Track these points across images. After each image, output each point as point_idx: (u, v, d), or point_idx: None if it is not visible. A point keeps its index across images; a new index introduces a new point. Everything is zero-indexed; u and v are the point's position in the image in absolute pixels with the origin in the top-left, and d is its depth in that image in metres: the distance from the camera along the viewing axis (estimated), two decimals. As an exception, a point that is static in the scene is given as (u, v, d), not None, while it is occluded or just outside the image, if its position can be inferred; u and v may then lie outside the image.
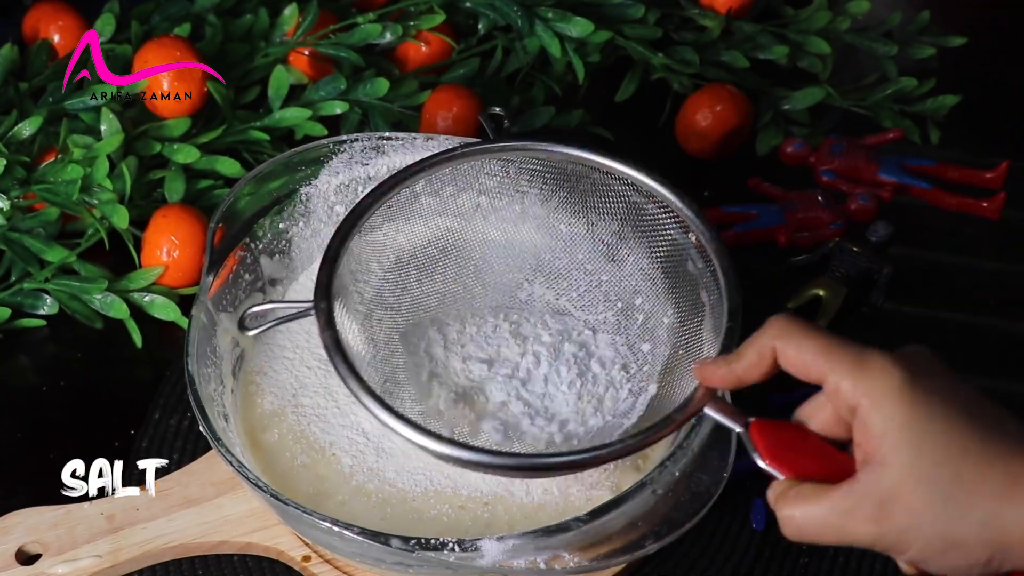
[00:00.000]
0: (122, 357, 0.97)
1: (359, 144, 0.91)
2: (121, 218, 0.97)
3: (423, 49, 1.14)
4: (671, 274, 0.82)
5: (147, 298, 0.98)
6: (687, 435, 0.74)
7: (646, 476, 0.73)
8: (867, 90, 1.15)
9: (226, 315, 0.85)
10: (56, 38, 1.12)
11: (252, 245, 0.88)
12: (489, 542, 0.71)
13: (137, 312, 0.97)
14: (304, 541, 0.82)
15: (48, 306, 0.98)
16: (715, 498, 0.74)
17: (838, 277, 0.99)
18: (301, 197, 0.90)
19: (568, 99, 1.13)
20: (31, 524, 0.82)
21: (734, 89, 1.11)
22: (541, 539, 0.71)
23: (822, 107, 1.14)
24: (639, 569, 0.83)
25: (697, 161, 1.12)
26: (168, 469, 0.85)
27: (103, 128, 1.01)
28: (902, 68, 1.17)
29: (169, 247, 0.98)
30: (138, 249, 0.99)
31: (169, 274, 0.98)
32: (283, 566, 0.83)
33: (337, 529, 0.72)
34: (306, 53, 1.11)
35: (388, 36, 1.12)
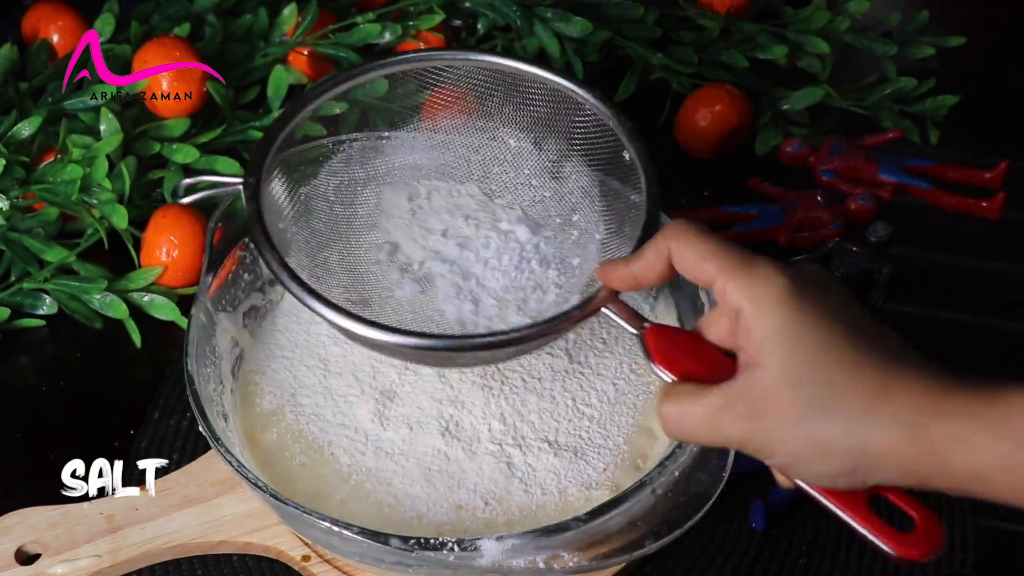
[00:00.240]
0: (122, 357, 0.97)
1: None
2: (120, 218, 0.97)
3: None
4: (606, 192, 0.83)
5: (146, 298, 0.98)
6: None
7: (645, 476, 0.73)
8: (867, 90, 1.15)
9: (225, 315, 0.85)
10: (56, 38, 1.12)
11: (252, 245, 0.88)
12: (488, 542, 0.71)
13: (136, 312, 0.97)
14: (304, 541, 0.82)
15: (47, 306, 0.98)
16: (714, 498, 0.74)
17: (838, 277, 0.99)
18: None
19: (568, 99, 1.13)
20: (31, 524, 0.82)
21: (733, 89, 1.11)
22: (540, 539, 0.71)
23: (821, 107, 1.14)
24: (639, 569, 0.83)
25: (697, 161, 1.12)
26: (168, 469, 0.85)
27: (102, 128, 1.01)
28: (901, 68, 1.17)
29: (168, 247, 0.98)
30: (137, 249, 0.99)
31: (168, 274, 0.98)
32: (283, 566, 0.83)
33: (337, 529, 0.72)
34: (305, 53, 1.11)
35: (387, 36, 1.12)
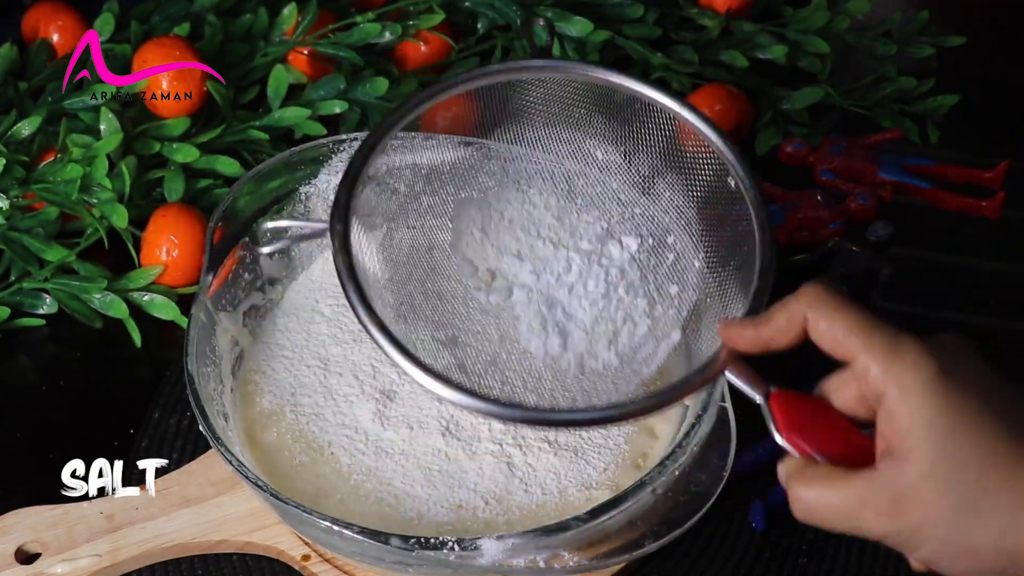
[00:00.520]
0: (122, 357, 0.97)
1: (358, 143, 0.90)
2: (120, 217, 0.97)
3: (422, 48, 1.14)
4: (706, 218, 0.77)
5: (146, 297, 0.98)
6: (687, 434, 0.74)
7: (645, 475, 0.73)
8: (866, 90, 1.15)
9: (225, 314, 0.85)
10: (55, 38, 1.12)
11: (252, 244, 0.88)
12: (489, 541, 0.71)
13: (136, 311, 0.97)
14: (304, 540, 0.82)
15: (47, 305, 0.98)
16: (714, 498, 0.74)
17: (838, 277, 0.99)
18: (300, 196, 0.90)
19: (568, 99, 1.13)
20: (30, 523, 0.82)
21: (733, 89, 1.10)
22: (541, 538, 0.71)
23: (821, 107, 1.14)
24: (638, 569, 0.83)
25: (696, 161, 1.12)
26: (168, 469, 0.85)
27: (102, 128, 1.01)
28: (901, 68, 1.17)
29: (168, 246, 0.98)
30: (137, 249, 0.99)
31: (168, 273, 0.98)
32: (283, 565, 0.83)
33: (337, 528, 0.72)
34: (305, 52, 1.11)
35: (387, 35, 1.12)
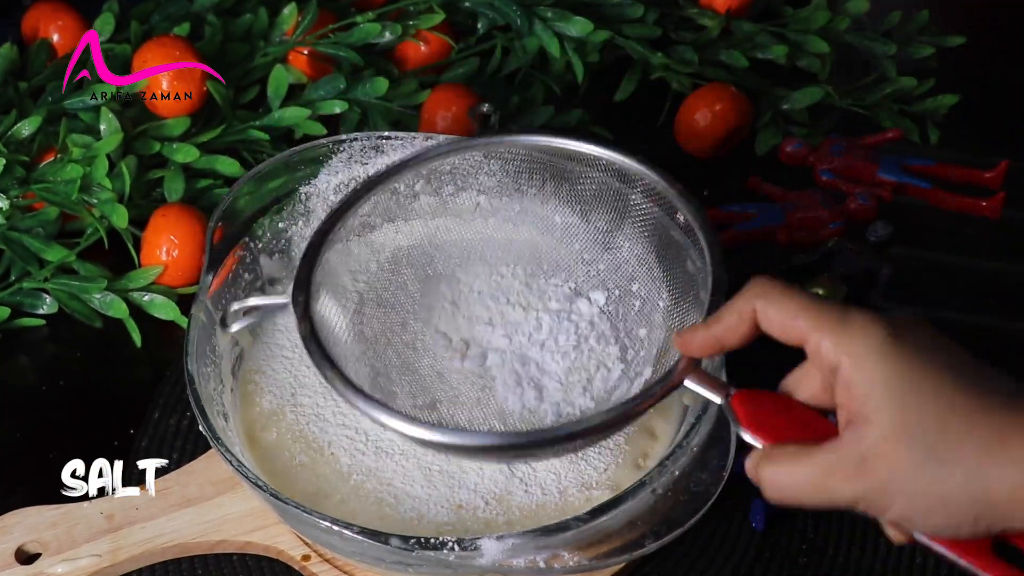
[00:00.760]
0: (122, 357, 0.97)
1: (358, 143, 0.91)
2: (120, 217, 0.97)
3: (422, 48, 1.14)
4: (663, 257, 0.81)
5: (146, 297, 0.98)
6: (687, 434, 0.74)
7: (645, 475, 0.73)
8: (866, 90, 1.15)
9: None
10: (55, 37, 1.12)
11: (251, 244, 0.88)
12: (489, 541, 0.71)
13: (136, 311, 0.97)
14: (304, 540, 0.82)
15: (47, 305, 0.98)
16: (714, 498, 0.74)
17: (838, 277, 0.99)
18: (300, 196, 0.90)
19: (567, 99, 1.13)
20: (30, 523, 0.82)
21: (733, 89, 1.11)
22: (541, 538, 0.71)
23: (821, 107, 1.14)
24: (638, 568, 0.83)
25: (696, 161, 1.11)
26: (168, 469, 0.85)
27: (102, 128, 1.01)
28: (901, 68, 1.17)
29: (168, 246, 0.98)
30: (137, 248, 0.99)
31: (168, 273, 0.98)
32: (283, 565, 0.83)
33: (337, 528, 0.72)
34: (305, 52, 1.11)
35: (387, 35, 1.12)
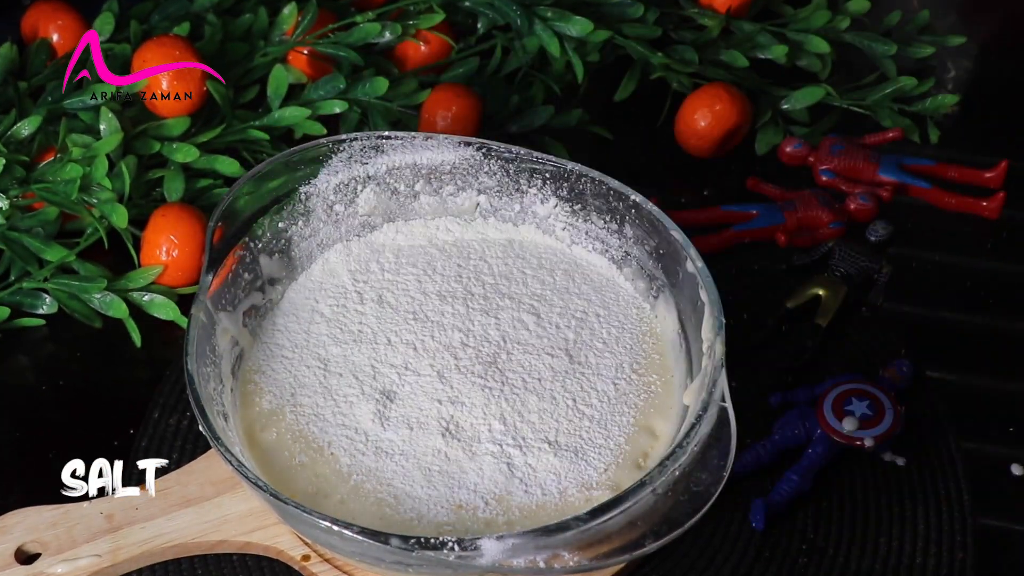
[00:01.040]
0: (121, 357, 0.97)
1: (358, 143, 0.91)
2: (120, 217, 0.97)
3: (422, 48, 1.14)
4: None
5: (146, 297, 0.98)
6: (687, 434, 0.74)
7: (646, 475, 0.73)
8: (866, 89, 1.15)
9: (225, 314, 0.85)
10: (55, 37, 1.12)
11: (251, 244, 0.88)
12: (489, 541, 0.71)
13: (136, 311, 0.97)
14: (303, 540, 0.82)
15: (47, 305, 0.98)
16: (714, 498, 0.74)
17: (838, 277, 0.99)
18: (300, 196, 0.90)
19: (567, 98, 1.13)
20: (30, 523, 0.82)
21: (733, 88, 1.11)
22: (541, 538, 0.71)
23: (821, 106, 1.14)
24: (638, 568, 0.83)
25: (696, 160, 1.12)
26: (168, 469, 0.85)
27: (102, 127, 1.01)
28: (901, 67, 1.17)
29: (168, 246, 0.98)
30: (137, 248, 0.99)
31: (168, 273, 0.98)
32: (283, 565, 0.83)
33: (337, 528, 0.72)
34: (305, 52, 1.11)
35: (387, 35, 1.12)
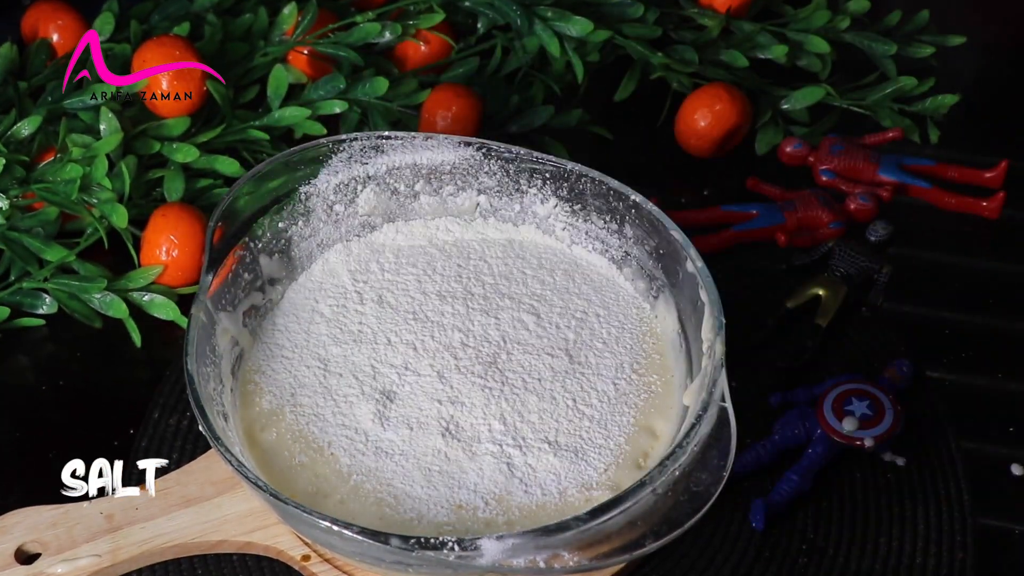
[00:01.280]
0: (121, 357, 0.97)
1: (358, 143, 0.91)
2: (120, 217, 0.97)
3: (422, 48, 1.14)
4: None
5: (146, 297, 0.98)
6: (687, 434, 0.74)
7: (646, 475, 0.73)
8: (866, 89, 1.15)
9: (225, 314, 0.85)
10: (55, 37, 1.12)
11: (251, 244, 0.88)
12: (489, 541, 0.71)
13: (136, 311, 0.97)
14: (303, 540, 0.82)
15: (47, 305, 0.98)
16: (714, 498, 0.74)
17: (838, 277, 0.99)
18: (300, 196, 0.90)
19: (567, 98, 1.13)
20: (30, 523, 0.82)
21: (733, 88, 1.11)
22: (541, 538, 0.71)
23: (821, 106, 1.14)
24: (638, 568, 0.83)
25: (696, 160, 1.12)
26: (168, 469, 0.85)
27: (102, 127, 1.01)
28: (901, 67, 1.17)
29: (168, 246, 0.98)
30: (137, 248, 0.99)
31: (168, 273, 0.98)
32: (283, 565, 0.83)
33: (337, 528, 0.72)
34: (305, 52, 1.11)
35: (387, 35, 1.12)
